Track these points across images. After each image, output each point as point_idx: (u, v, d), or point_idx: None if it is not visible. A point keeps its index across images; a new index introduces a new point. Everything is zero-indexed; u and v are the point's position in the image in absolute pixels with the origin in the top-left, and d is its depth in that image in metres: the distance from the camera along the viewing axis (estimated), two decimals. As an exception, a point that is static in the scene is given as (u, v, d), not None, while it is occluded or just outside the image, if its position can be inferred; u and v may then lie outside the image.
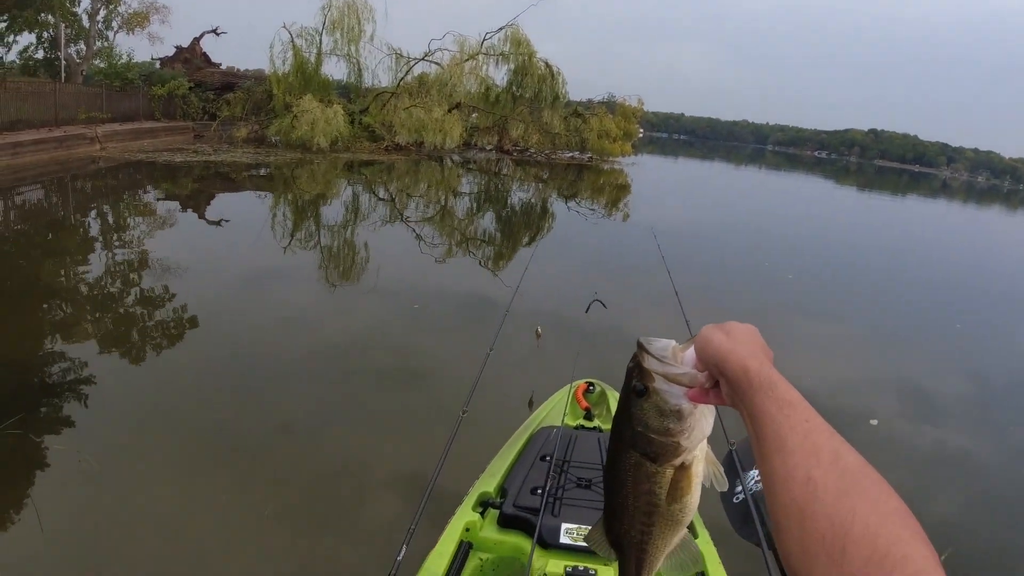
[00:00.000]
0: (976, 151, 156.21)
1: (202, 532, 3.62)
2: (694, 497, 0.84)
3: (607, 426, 3.32)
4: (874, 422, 5.72)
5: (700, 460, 0.83)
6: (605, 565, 2.15)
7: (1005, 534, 4.59)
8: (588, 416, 3.48)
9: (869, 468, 0.59)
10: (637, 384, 0.80)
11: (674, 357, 0.79)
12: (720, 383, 0.74)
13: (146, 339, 6.48)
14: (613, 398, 3.68)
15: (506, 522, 2.43)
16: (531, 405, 5.06)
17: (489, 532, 2.41)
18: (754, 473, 2.31)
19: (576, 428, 3.23)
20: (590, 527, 2.20)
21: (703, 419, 0.80)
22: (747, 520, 2.16)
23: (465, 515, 2.45)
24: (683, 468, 0.81)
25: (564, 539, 2.27)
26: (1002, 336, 10.45)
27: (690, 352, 0.78)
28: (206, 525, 3.68)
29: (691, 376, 0.77)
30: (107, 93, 23.72)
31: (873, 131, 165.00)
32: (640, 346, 0.81)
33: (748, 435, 0.69)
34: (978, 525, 4.62)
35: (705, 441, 0.82)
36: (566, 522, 2.32)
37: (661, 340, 0.82)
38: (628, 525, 0.87)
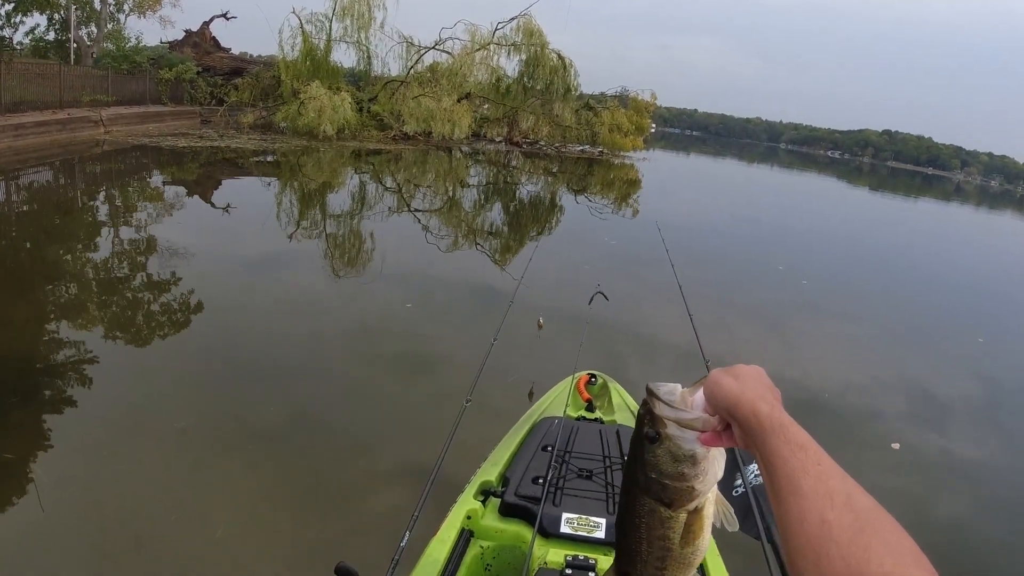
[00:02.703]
0: (990, 155, 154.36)
1: (206, 515, 3.63)
2: (706, 539, 0.83)
3: (608, 418, 3.35)
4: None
5: (711, 502, 0.83)
6: (605, 555, 2.16)
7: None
8: (590, 407, 3.45)
9: (881, 509, 0.61)
10: (649, 431, 0.80)
11: (683, 402, 0.78)
12: (732, 427, 0.74)
13: (150, 323, 6.49)
14: (615, 390, 3.72)
15: (507, 511, 2.42)
16: (531, 397, 5.10)
17: (490, 520, 2.41)
18: (754, 467, 2.33)
19: (578, 419, 3.20)
20: (591, 517, 2.30)
21: (715, 462, 0.80)
22: (747, 514, 2.17)
23: (467, 503, 2.46)
24: (696, 511, 0.81)
25: (565, 528, 2.26)
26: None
27: (699, 395, 0.78)
28: (210, 509, 3.70)
29: (704, 420, 0.77)
30: (113, 76, 23.50)
31: (887, 132, 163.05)
32: (650, 392, 0.80)
33: (762, 477, 0.69)
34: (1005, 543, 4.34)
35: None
36: (567, 512, 2.32)
37: (668, 384, 0.80)
38: (641, 570, 0.86)
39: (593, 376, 3.83)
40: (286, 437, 4.54)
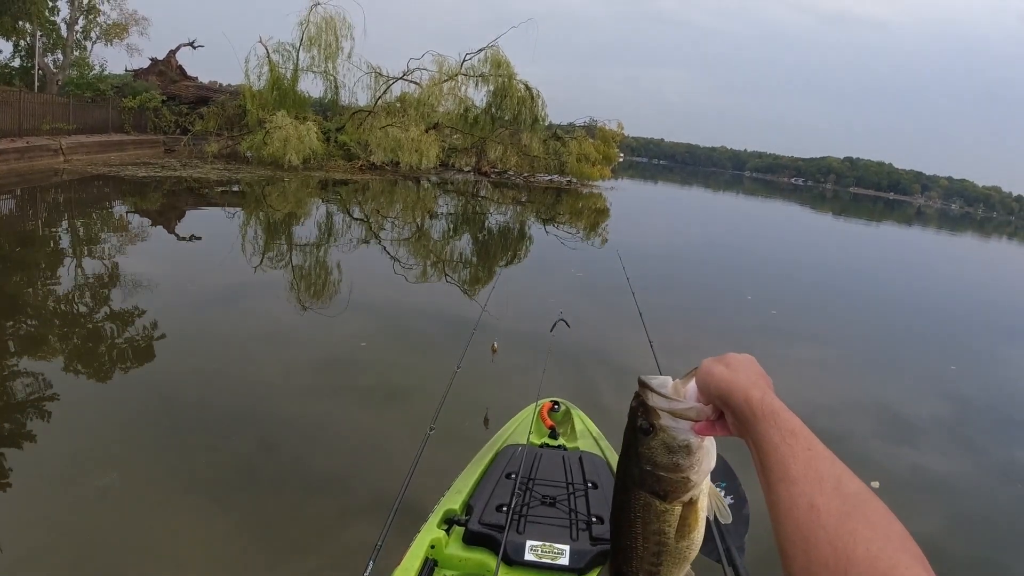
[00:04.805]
0: (950, 179, 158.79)
1: (166, 551, 3.57)
2: (700, 532, 0.83)
3: (571, 444, 3.37)
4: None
5: (704, 494, 0.82)
6: None
7: None
8: (553, 434, 3.49)
9: (870, 494, 0.61)
10: (643, 423, 0.79)
11: (676, 392, 0.78)
12: (726, 415, 0.75)
13: (112, 358, 6.32)
14: (577, 417, 3.74)
15: (471, 539, 2.42)
16: (487, 423, 5.11)
17: (454, 549, 2.41)
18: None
19: (541, 446, 3.22)
20: (555, 544, 2.31)
21: (709, 452, 0.80)
22: (708, 537, 2.06)
23: (430, 532, 2.46)
24: (690, 503, 0.81)
25: (529, 556, 2.27)
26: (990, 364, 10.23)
27: (691, 386, 0.78)
28: (169, 544, 3.64)
29: (698, 410, 0.77)
30: (75, 104, 23.17)
31: (849, 159, 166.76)
32: (642, 384, 0.80)
33: (754, 464, 0.70)
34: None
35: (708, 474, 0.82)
36: (530, 539, 2.33)
37: (659, 376, 0.81)
38: (637, 567, 0.84)
39: (556, 403, 3.86)
40: (246, 469, 4.45)
